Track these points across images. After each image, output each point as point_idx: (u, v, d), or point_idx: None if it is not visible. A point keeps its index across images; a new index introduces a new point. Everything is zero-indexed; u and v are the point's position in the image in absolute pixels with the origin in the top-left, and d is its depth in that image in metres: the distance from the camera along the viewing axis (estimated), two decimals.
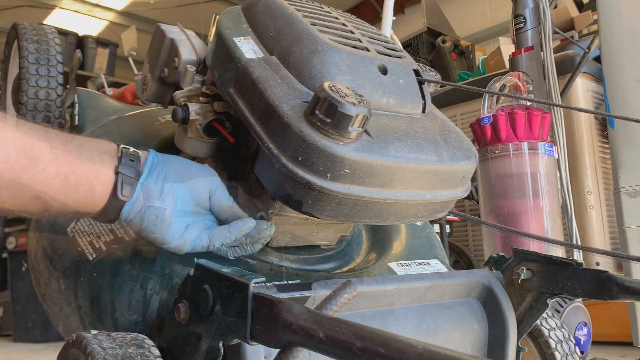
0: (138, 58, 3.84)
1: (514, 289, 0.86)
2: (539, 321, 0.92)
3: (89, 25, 7.59)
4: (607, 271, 0.78)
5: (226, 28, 0.80)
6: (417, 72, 0.80)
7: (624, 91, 1.73)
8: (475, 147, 1.20)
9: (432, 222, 1.95)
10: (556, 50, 2.15)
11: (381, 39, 0.83)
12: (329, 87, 0.63)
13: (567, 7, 2.60)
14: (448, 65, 3.56)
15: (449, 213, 0.81)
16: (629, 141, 1.73)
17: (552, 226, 1.65)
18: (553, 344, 0.91)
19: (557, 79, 1.86)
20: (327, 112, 0.62)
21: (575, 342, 0.95)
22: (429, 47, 3.65)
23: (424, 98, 0.79)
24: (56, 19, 7.42)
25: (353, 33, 0.80)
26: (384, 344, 0.39)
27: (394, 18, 2.01)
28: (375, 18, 6.53)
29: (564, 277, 0.81)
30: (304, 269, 0.84)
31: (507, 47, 2.71)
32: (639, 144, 1.71)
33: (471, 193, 2.16)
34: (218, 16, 0.84)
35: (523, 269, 0.85)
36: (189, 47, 0.86)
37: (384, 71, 0.75)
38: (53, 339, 3.35)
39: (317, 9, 0.84)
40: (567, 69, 2.11)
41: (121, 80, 4.96)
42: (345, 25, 0.82)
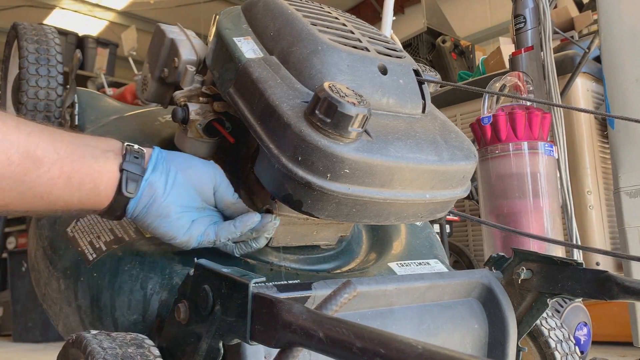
0: (138, 58, 3.84)
1: (514, 289, 0.86)
2: (538, 321, 0.92)
3: (89, 25, 7.58)
4: (607, 271, 0.78)
5: (226, 28, 0.80)
6: (417, 72, 0.80)
7: (624, 91, 1.73)
8: (475, 147, 1.20)
9: (432, 222, 1.95)
10: (556, 50, 2.14)
11: (381, 39, 0.83)
12: (329, 87, 0.63)
13: (567, 7, 2.59)
14: (448, 65, 3.55)
15: (449, 213, 0.81)
16: (629, 141, 1.73)
17: (552, 226, 1.65)
18: (553, 344, 0.91)
19: (557, 79, 1.86)
20: (327, 112, 0.62)
21: (575, 342, 0.95)
22: (429, 47, 3.65)
23: (424, 98, 0.79)
24: (56, 19, 7.41)
25: (353, 33, 0.80)
26: (383, 344, 0.39)
27: (394, 18, 2.01)
28: (375, 18, 6.53)
29: (563, 277, 0.81)
30: (303, 268, 0.84)
31: (507, 47, 2.71)
32: (639, 144, 1.71)
33: (471, 193, 2.16)
34: (218, 16, 0.84)
35: (523, 269, 0.85)
36: (189, 47, 0.86)
37: (384, 71, 0.75)
38: (53, 339, 3.35)
39: (317, 9, 0.84)
40: (567, 69, 2.11)
41: (121, 80, 4.96)
42: (345, 25, 0.82)
